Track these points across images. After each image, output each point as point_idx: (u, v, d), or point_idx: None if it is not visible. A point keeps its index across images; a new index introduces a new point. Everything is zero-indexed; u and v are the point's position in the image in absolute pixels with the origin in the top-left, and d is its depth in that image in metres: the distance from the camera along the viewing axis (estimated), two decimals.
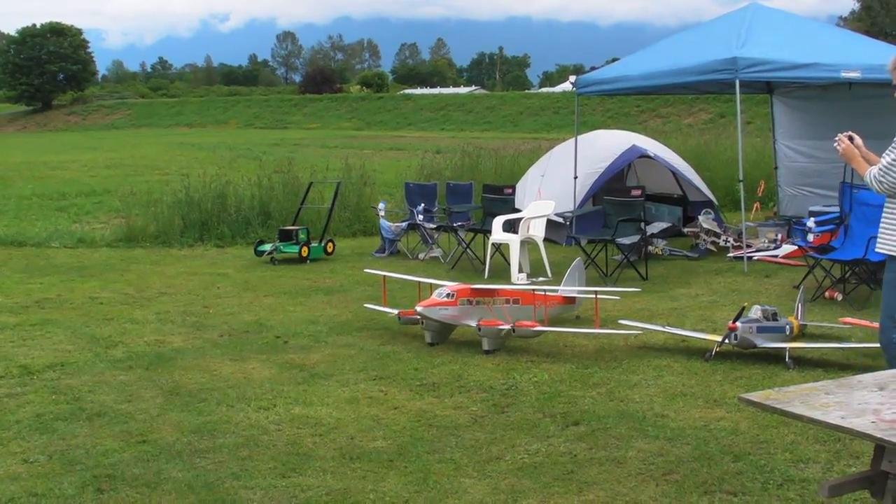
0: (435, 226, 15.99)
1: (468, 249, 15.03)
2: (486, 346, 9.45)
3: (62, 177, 33.84)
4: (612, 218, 13.98)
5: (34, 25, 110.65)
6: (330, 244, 16.23)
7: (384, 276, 11.40)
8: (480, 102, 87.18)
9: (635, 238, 13.94)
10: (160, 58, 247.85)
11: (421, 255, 15.88)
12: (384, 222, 16.33)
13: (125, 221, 18.51)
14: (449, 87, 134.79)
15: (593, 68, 41.72)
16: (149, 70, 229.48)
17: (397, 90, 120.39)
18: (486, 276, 13.77)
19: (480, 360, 9.18)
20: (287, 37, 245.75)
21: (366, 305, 11.26)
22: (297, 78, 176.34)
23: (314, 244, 15.89)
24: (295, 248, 15.56)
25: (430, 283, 10.75)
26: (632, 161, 17.61)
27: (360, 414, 7.55)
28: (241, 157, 37.61)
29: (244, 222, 18.20)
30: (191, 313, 11.62)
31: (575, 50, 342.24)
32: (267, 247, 15.59)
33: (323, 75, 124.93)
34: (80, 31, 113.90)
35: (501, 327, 9.50)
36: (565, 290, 10.67)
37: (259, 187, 19.20)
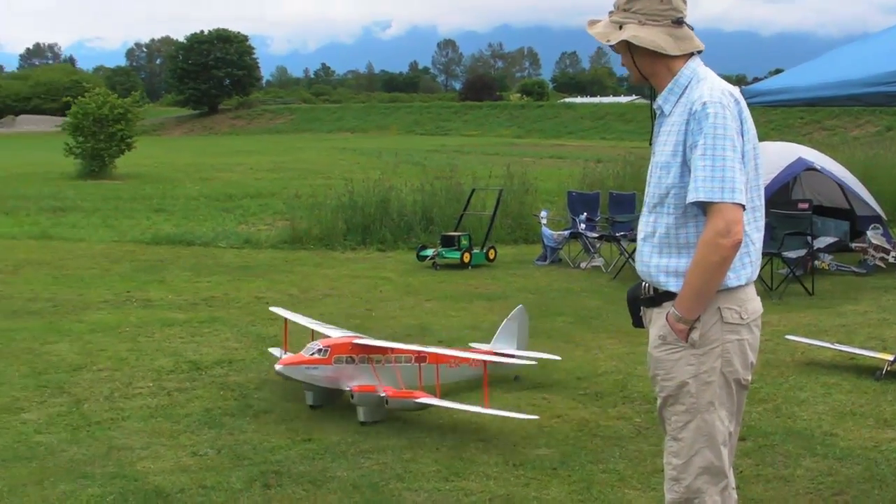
0: (597, 235, 15.89)
1: (630, 260, 14.87)
2: (361, 418, 7.51)
3: (228, 179, 34.70)
4: (778, 231, 13.68)
5: (202, 32, 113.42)
6: (492, 251, 16.25)
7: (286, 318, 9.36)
8: (641, 112, 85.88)
9: (801, 252, 13.63)
10: (323, 64, 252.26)
11: (583, 265, 15.77)
12: (546, 230, 16.26)
13: (289, 223, 18.86)
14: (609, 96, 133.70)
15: (756, 79, 40.80)
16: (312, 76, 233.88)
17: (557, 98, 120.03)
18: None
19: (644, 371, 8.99)
20: (448, 44, 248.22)
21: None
22: (457, 85, 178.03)
23: (476, 250, 15.93)
24: (457, 254, 15.62)
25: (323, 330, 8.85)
26: (798, 174, 17.20)
27: (524, 421, 7.49)
28: (403, 162, 37.97)
29: (406, 227, 18.31)
30: (354, 315, 11.72)
31: (737, 60, 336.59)
32: (429, 252, 15.69)
33: (483, 83, 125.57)
34: (245, 38, 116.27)
35: (378, 394, 7.53)
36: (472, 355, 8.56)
37: (421, 193, 19.33)
